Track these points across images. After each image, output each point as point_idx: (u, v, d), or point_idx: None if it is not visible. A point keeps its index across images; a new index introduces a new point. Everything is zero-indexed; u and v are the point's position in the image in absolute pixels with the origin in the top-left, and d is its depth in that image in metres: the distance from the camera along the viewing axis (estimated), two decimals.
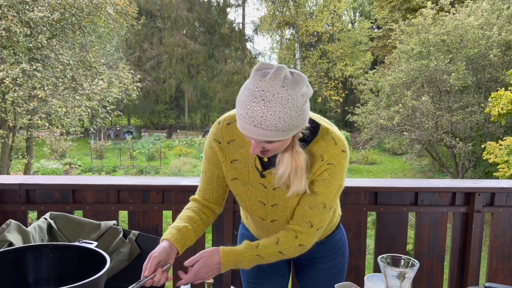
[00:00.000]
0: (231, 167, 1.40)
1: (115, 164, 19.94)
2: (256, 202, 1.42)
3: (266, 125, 1.11)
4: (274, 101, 1.09)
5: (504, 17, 12.36)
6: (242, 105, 1.14)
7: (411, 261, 1.03)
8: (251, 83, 1.13)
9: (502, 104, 10.40)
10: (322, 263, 1.62)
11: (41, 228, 1.44)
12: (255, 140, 1.18)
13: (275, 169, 1.30)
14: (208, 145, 1.44)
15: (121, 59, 16.26)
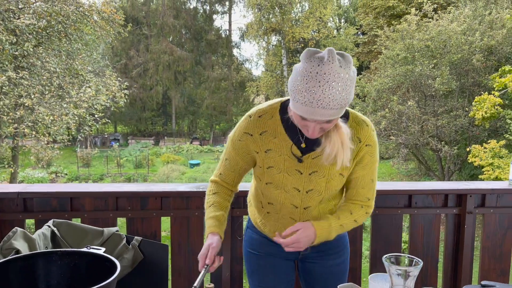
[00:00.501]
0: (265, 157, 1.46)
1: (102, 172, 19.75)
2: (291, 189, 1.47)
3: (333, 105, 1.19)
4: (337, 81, 1.17)
5: (486, 23, 12.65)
6: (304, 91, 1.19)
7: (415, 260, 1.07)
8: (309, 69, 1.19)
9: (486, 108, 10.61)
10: (331, 259, 1.67)
11: (45, 236, 1.44)
12: (318, 122, 1.24)
13: (320, 148, 1.37)
14: (237, 137, 1.49)
15: (107, 67, 16.18)
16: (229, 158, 1.55)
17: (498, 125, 11.72)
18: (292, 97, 1.25)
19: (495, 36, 12.28)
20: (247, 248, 1.73)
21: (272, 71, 25.92)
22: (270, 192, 1.51)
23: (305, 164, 1.43)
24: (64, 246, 1.50)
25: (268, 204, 1.58)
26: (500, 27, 12.52)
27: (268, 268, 1.67)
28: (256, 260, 1.69)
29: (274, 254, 1.66)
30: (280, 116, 1.43)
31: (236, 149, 1.51)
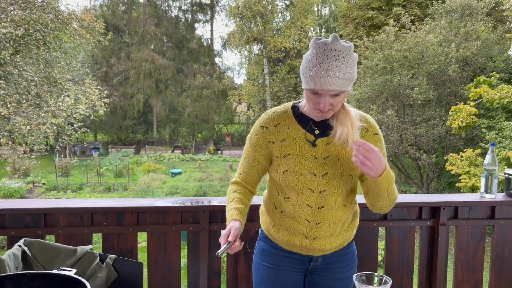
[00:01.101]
0: (281, 146, 1.58)
1: (81, 181, 19.43)
2: (308, 173, 1.55)
3: (340, 75, 1.37)
4: (343, 55, 1.37)
5: (461, 34, 13.00)
6: (314, 66, 1.38)
7: (384, 278, 1.09)
8: (317, 49, 1.39)
9: (462, 118, 10.88)
10: (340, 273, 1.70)
11: (15, 256, 1.41)
12: (329, 94, 1.40)
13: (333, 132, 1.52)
14: (254, 132, 1.63)
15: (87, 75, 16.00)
16: (248, 156, 1.67)
17: (474, 134, 12.01)
18: (304, 77, 1.43)
19: (470, 48, 12.63)
20: (257, 259, 1.75)
21: (254, 79, 26.04)
22: (288, 180, 1.57)
23: (319, 150, 1.55)
24: (35, 266, 1.47)
25: (284, 200, 1.63)
26: (475, 39, 12.89)
27: (277, 281, 1.69)
28: (265, 272, 1.71)
29: (284, 267, 1.69)
30: (292, 111, 1.60)
31: (253, 145, 1.63)
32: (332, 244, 1.65)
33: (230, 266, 2.23)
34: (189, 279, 2.21)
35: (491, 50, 13.11)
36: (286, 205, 1.62)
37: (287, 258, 1.68)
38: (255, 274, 1.76)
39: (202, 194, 16.51)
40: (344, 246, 1.71)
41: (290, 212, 1.62)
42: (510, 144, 9.87)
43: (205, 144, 30.95)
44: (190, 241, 2.18)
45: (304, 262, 1.70)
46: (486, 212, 2.36)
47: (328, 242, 1.64)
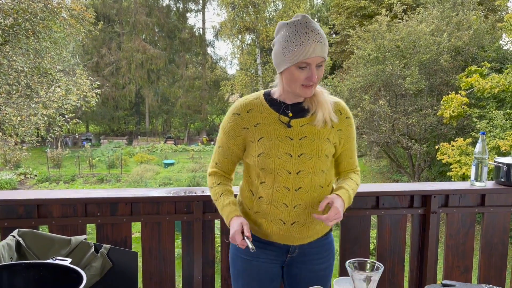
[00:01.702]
0: (256, 130, 1.59)
1: (73, 173, 19.33)
2: (284, 154, 1.56)
3: (322, 40, 1.44)
4: (316, 26, 1.45)
5: (453, 24, 13.03)
6: (298, 38, 1.42)
7: (376, 265, 1.11)
8: (292, 26, 1.44)
9: (453, 107, 10.95)
10: (317, 264, 1.70)
11: (9, 246, 1.42)
12: (316, 61, 1.45)
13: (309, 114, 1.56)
14: (227, 120, 1.64)
15: (78, 65, 15.84)
16: (222, 145, 1.67)
17: (465, 124, 12.11)
18: (287, 54, 1.44)
19: (462, 37, 12.67)
20: (234, 251, 1.75)
21: (247, 70, 25.92)
22: (264, 163, 1.57)
23: (294, 130, 1.56)
24: (30, 256, 1.48)
25: (261, 185, 1.61)
26: (467, 28, 12.93)
27: (254, 273, 1.69)
28: (242, 264, 1.71)
29: (260, 258, 1.68)
30: (264, 97, 1.62)
31: (227, 133, 1.64)
32: (310, 230, 1.64)
33: (224, 255, 2.24)
34: (183, 268, 2.22)
35: (482, 39, 13.17)
36: (263, 189, 1.61)
37: (264, 249, 1.67)
38: (233, 266, 1.77)
39: (195, 185, 16.52)
40: (321, 236, 1.71)
41: (267, 196, 1.61)
42: (501, 133, 9.97)
43: (197, 135, 30.89)
44: (184, 230, 2.20)
45: (281, 253, 1.69)
46: (476, 200, 2.39)
47: (306, 228, 1.62)
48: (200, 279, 2.21)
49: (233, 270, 1.76)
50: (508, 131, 9.81)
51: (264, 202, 1.62)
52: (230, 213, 1.61)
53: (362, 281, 1.07)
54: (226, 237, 2.17)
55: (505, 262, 2.45)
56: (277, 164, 1.56)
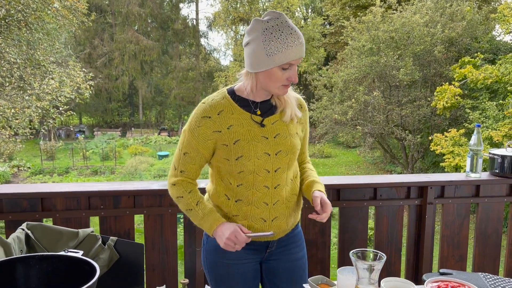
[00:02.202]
0: (229, 133, 1.54)
1: (67, 165, 19.25)
2: (262, 154, 1.55)
3: (304, 41, 1.47)
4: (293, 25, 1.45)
5: (447, 15, 13.06)
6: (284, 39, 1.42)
7: (379, 255, 1.16)
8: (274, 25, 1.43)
9: (447, 98, 11.03)
10: (294, 253, 1.73)
11: (19, 239, 1.45)
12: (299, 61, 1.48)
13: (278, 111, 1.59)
14: (195, 124, 1.57)
15: (70, 56, 15.69)
16: (189, 151, 1.59)
17: (458, 114, 12.20)
18: (272, 55, 1.43)
19: (455, 28, 12.71)
20: (214, 257, 1.68)
21: (241, 61, 25.82)
22: (243, 165, 1.54)
23: (268, 129, 1.57)
24: (39, 249, 1.51)
25: (238, 187, 1.59)
26: (460, 19, 12.96)
27: (238, 276, 1.67)
28: (226, 269, 1.67)
29: (242, 259, 1.66)
30: (230, 96, 1.59)
31: (196, 137, 1.56)
32: (288, 223, 1.66)
33: None
34: (185, 260, 2.26)
35: (475, 30, 13.22)
36: (242, 192, 1.59)
37: (244, 250, 1.60)
38: (213, 273, 1.70)
39: None
40: (295, 225, 1.74)
41: (247, 198, 1.59)
42: (493, 124, 10.07)
43: None
44: (186, 222, 2.23)
45: (260, 251, 1.69)
46: (471, 191, 2.45)
47: (285, 222, 1.65)
48: (202, 270, 2.25)
49: (214, 276, 1.70)
50: (501, 122, 9.91)
51: (244, 204, 1.60)
52: (216, 220, 1.57)
53: (366, 270, 1.12)
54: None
55: (499, 251, 2.52)
56: (256, 165, 1.55)
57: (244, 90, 1.58)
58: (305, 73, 20.94)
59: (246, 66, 1.53)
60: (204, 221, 1.58)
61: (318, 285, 1.51)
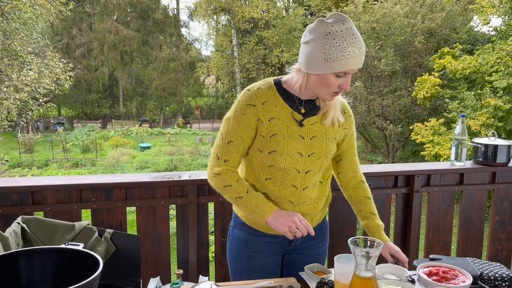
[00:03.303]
0: (269, 125, 1.53)
1: (47, 158, 18.92)
2: (295, 153, 1.54)
3: (364, 51, 1.43)
4: (357, 33, 1.41)
5: (426, 6, 13.23)
6: (346, 47, 1.37)
7: (376, 242, 1.19)
8: (338, 29, 1.38)
9: (427, 88, 11.23)
10: (317, 247, 1.75)
11: (16, 233, 1.43)
12: (355, 70, 1.43)
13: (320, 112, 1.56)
14: (241, 112, 1.54)
15: (47, 46, 15.33)
16: (233, 139, 1.56)
17: (438, 104, 12.44)
18: (329, 61, 1.39)
19: (435, 19, 12.89)
20: (236, 248, 1.73)
21: (223, 51, 25.69)
22: (274, 160, 1.54)
23: (306, 129, 1.55)
24: (35, 242, 1.50)
25: (266, 181, 1.59)
26: (440, 10, 13.15)
27: (259, 269, 1.69)
28: (246, 261, 1.70)
29: (264, 252, 1.69)
30: (276, 88, 1.56)
31: (241, 125, 1.54)
32: (313, 221, 1.69)
33: (218, 237, 2.31)
34: (178, 251, 2.28)
35: (454, 21, 13.44)
36: (269, 186, 1.60)
37: (267, 243, 1.66)
38: (235, 263, 1.74)
39: (173, 168, 16.46)
40: (321, 221, 1.77)
41: (273, 194, 1.60)
42: (471, 113, 10.31)
43: (173, 118, 30.60)
44: (179, 214, 2.24)
45: (284, 244, 1.71)
46: (455, 179, 2.53)
47: (310, 220, 1.67)
48: (195, 260, 2.27)
49: (235, 267, 1.75)
50: (479, 111, 10.15)
51: (269, 198, 1.61)
52: (271, 207, 1.54)
53: (363, 257, 1.15)
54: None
55: (481, 236, 2.61)
56: (287, 163, 1.54)
57: (291, 85, 1.55)
58: (287, 64, 20.95)
59: (300, 64, 1.49)
60: (257, 208, 1.54)
61: (314, 272, 1.54)
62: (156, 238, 2.24)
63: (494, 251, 2.64)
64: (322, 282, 1.43)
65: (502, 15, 11.87)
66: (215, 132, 24.08)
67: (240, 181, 1.58)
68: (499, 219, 2.61)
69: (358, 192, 1.76)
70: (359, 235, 2.50)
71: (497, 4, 11.71)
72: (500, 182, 2.55)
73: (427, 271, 1.50)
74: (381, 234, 1.71)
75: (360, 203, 1.75)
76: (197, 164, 17.25)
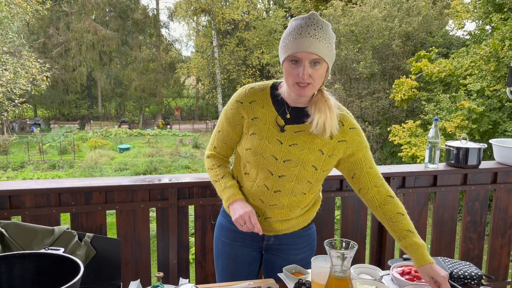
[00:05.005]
0: (251, 124, 1.57)
1: (22, 159, 18.52)
2: (269, 156, 1.55)
3: (320, 36, 1.36)
4: (323, 26, 1.38)
5: (403, 10, 13.50)
6: (295, 31, 1.37)
7: (351, 243, 1.24)
8: (299, 20, 1.39)
9: (404, 91, 11.45)
10: (294, 255, 1.73)
11: None
12: (309, 57, 1.36)
13: (308, 120, 1.49)
14: (229, 106, 1.62)
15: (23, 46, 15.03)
16: (222, 130, 1.67)
17: (415, 106, 12.69)
18: (282, 48, 1.41)
19: (412, 23, 13.17)
20: (217, 233, 1.82)
21: (203, 52, 25.62)
22: (249, 157, 1.59)
23: (287, 135, 1.53)
24: (14, 247, 1.50)
25: (245, 175, 1.66)
26: (416, 14, 13.44)
27: (232, 256, 1.75)
28: (222, 247, 1.78)
29: (238, 242, 1.74)
30: (270, 90, 1.57)
31: (228, 119, 1.62)
32: (283, 226, 1.67)
33: (198, 239, 2.33)
34: (158, 254, 2.29)
35: (430, 25, 13.75)
36: (246, 180, 1.65)
37: (240, 233, 1.68)
38: (215, 247, 1.83)
39: (153, 170, 16.33)
40: (299, 229, 1.72)
41: (247, 188, 1.65)
42: (447, 115, 10.56)
43: (153, 119, 30.33)
44: (159, 217, 2.26)
45: (256, 239, 1.72)
46: (429, 181, 2.61)
47: (280, 224, 1.66)
48: (176, 263, 2.29)
49: (215, 251, 1.83)
50: (454, 113, 10.41)
51: (244, 192, 1.67)
52: (233, 195, 1.61)
53: (338, 258, 1.20)
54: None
55: (454, 236, 2.70)
56: (260, 163, 1.57)
57: (282, 88, 1.56)
58: (267, 65, 21.05)
59: None
60: (223, 193, 1.64)
61: (292, 273, 1.58)
62: (136, 241, 2.24)
63: (466, 250, 2.74)
64: (299, 283, 1.47)
65: (476, 19, 12.21)
66: (196, 133, 23.98)
67: (221, 167, 1.69)
68: (471, 219, 2.71)
69: (387, 209, 1.57)
70: (336, 237, 2.56)
71: (471, 9, 12.04)
72: (472, 183, 2.65)
73: (400, 270, 1.56)
74: (423, 254, 1.47)
75: (392, 221, 1.55)
76: (177, 165, 17.15)
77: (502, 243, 2.78)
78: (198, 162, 17.85)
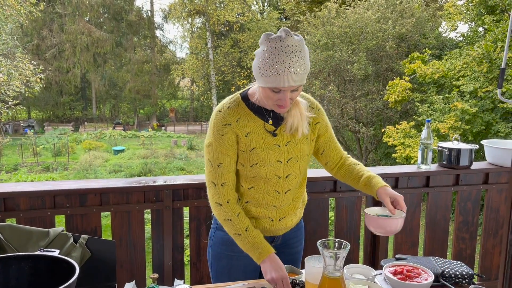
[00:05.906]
0: (247, 140, 1.59)
1: (16, 161, 18.41)
2: (275, 162, 1.61)
3: (301, 70, 1.41)
4: (299, 51, 1.40)
5: (397, 11, 13.58)
6: (274, 64, 1.39)
7: (343, 243, 1.26)
8: (273, 46, 1.40)
9: (398, 92, 11.51)
10: (294, 247, 1.82)
11: None
12: (290, 90, 1.44)
13: (284, 122, 1.60)
14: (219, 133, 1.59)
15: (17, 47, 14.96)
16: (222, 160, 1.60)
17: (408, 108, 12.76)
18: (262, 75, 1.43)
19: (405, 25, 13.24)
20: (218, 249, 1.75)
21: (198, 54, 25.61)
22: (256, 172, 1.61)
23: (280, 138, 1.62)
24: (9, 249, 1.50)
25: (249, 190, 1.65)
26: (410, 16, 13.52)
27: (240, 268, 1.74)
28: (228, 261, 1.74)
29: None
30: (245, 103, 1.61)
31: (224, 145, 1.58)
32: (293, 220, 1.76)
33: (193, 241, 2.34)
34: (153, 255, 2.30)
35: (424, 27, 13.83)
36: (252, 194, 1.66)
37: None
38: (216, 264, 1.77)
39: (147, 172, 16.29)
40: (299, 221, 1.84)
41: (257, 201, 1.67)
42: (440, 116, 10.62)
43: (148, 120, 30.27)
44: (154, 218, 2.27)
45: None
46: (422, 181, 2.64)
47: (290, 220, 1.75)
48: (170, 264, 2.30)
49: (216, 267, 1.78)
50: (447, 114, 10.48)
51: (253, 205, 1.68)
52: (266, 251, 1.55)
53: (331, 258, 1.21)
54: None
55: (446, 236, 2.73)
56: (269, 172, 1.61)
57: (255, 97, 1.59)
58: None
59: None
60: (253, 249, 1.57)
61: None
62: (131, 243, 2.25)
63: (458, 250, 2.77)
64: (293, 283, 1.49)
65: (468, 21, 12.31)
66: (190, 135, 23.95)
67: (240, 216, 1.61)
68: (463, 219, 2.74)
69: (346, 165, 1.77)
70: (331, 237, 2.58)
71: (464, 11, 12.14)
72: (464, 184, 2.68)
73: (393, 270, 1.58)
74: (379, 181, 1.66)
75: (349, 170, 1.75)
76: (172, 167, 17.12)
77: (494, 243, 2.81)
78: (193, 164, 17.82)
